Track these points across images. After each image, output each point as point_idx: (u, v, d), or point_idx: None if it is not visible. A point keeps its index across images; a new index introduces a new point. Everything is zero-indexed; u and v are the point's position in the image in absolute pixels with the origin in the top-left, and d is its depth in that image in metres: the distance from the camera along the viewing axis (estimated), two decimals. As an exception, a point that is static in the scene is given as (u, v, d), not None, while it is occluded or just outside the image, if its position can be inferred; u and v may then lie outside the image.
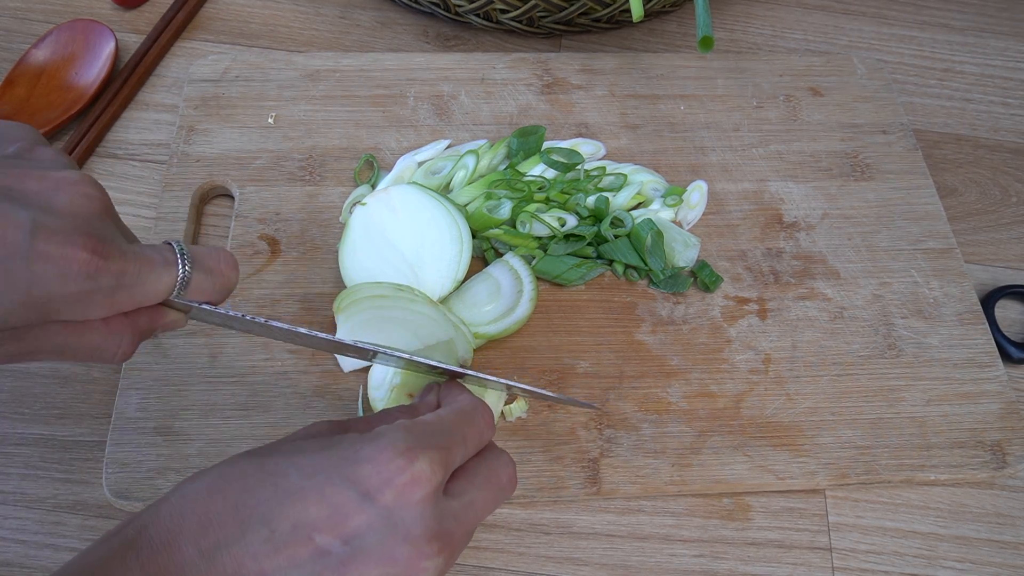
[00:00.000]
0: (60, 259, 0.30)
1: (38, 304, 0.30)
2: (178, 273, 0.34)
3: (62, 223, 0.30)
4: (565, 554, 0.48)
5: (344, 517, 0.32)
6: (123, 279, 0.32)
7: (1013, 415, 0.53)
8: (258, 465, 0.33)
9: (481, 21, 0.70)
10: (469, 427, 0.37)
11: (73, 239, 0.30)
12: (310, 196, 0.58)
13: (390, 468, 0.32)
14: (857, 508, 0.52)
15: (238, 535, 0.31)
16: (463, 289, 0.54)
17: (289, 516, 0.31)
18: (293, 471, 0.32)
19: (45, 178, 0.31)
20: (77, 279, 0.30)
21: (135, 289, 0.33)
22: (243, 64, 0.64)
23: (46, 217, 0.30)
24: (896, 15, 0.79)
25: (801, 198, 0.62)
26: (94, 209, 0.32)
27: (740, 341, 0.55)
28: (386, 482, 0.32)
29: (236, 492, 0.32)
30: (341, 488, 0.32)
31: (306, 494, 0.32)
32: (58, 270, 0.30)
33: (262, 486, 0.32)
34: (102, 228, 0.32)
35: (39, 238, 0.29)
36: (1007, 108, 0.73)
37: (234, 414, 0.49)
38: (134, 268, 0.32)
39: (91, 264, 0.30)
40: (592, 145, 0.62)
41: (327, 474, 0.32)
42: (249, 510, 0.32)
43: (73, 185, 0.31)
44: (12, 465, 0.49)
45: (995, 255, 0.64)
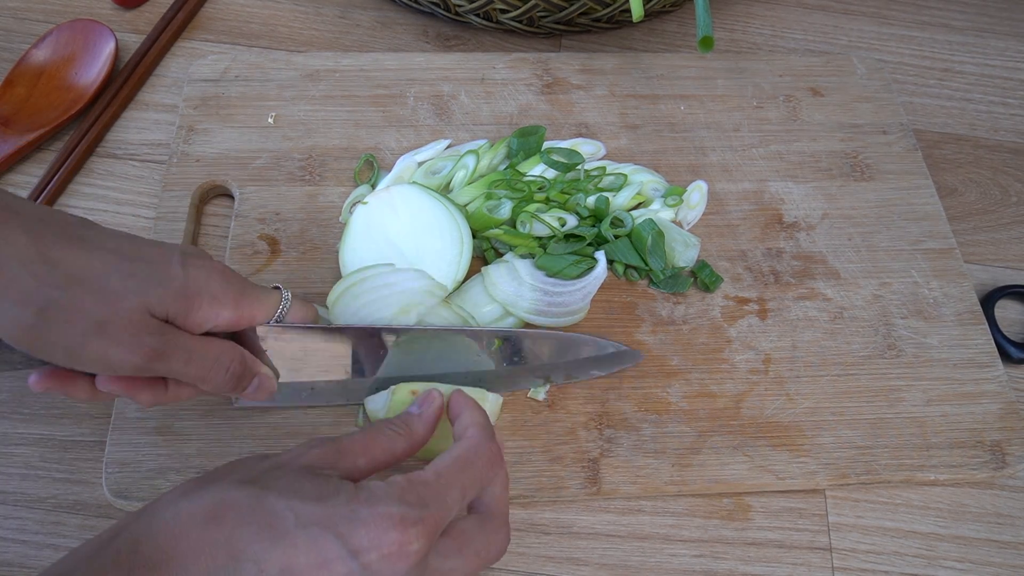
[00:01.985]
0: (203, 266, 0.40)
1: (190, 292, 0.39)
2: (281, 298, 0.45)
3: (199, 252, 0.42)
4: (565, 554, 0.48)
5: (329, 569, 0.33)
6: (245, 288, 0.42)
7: (1013, 415, 0.53)
8: (256, 500, 0.34)
9: (481, 21, 0.70)
10: (469, 478, 0.38)
11: (209, 259, 0.41)
12: (310, 196, 0.58)
13: (382, 539, 0.34)
14: (857, 508, 0.52)
15: (229, 569, 0.32)
16: (463, 291, 0.54)
17: (279, 560, 0.33)
18: (290, 516, 0.34)
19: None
20: (218, 276, 0.40)
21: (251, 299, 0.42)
22: (243, 64, 0.64)
23: (187, 248, 0.41)
24: (896, 15, 0.79)
25: (801, 198, 0.62)
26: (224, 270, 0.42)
27: (740, 341, 0.55)
28: (374, 547, 0.33)
29: (231, 524, 0.33)
30: (332, 543, 0.33)
31: (297, 542, 0.33)
32: (204, 272, 0.40)
33: (258, 524, 0.33)
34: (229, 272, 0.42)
35: (187, 256, 0.40)
36: (1007, 108, 0.73)
37: (234, 414, 0.49)
38: (251, 284, 0.43)
39: (226, 270, 0.42)
40: (592, 145, 0.62)
41: (321, 527, 0.33)
42: (243, 545, 0.33)
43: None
44: (12, 465, 0.49)
45: (995, 255, 0.64)
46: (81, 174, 0.61)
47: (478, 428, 0.40)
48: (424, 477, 0.36)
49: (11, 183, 0.60)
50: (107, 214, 0.59)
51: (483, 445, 0.39)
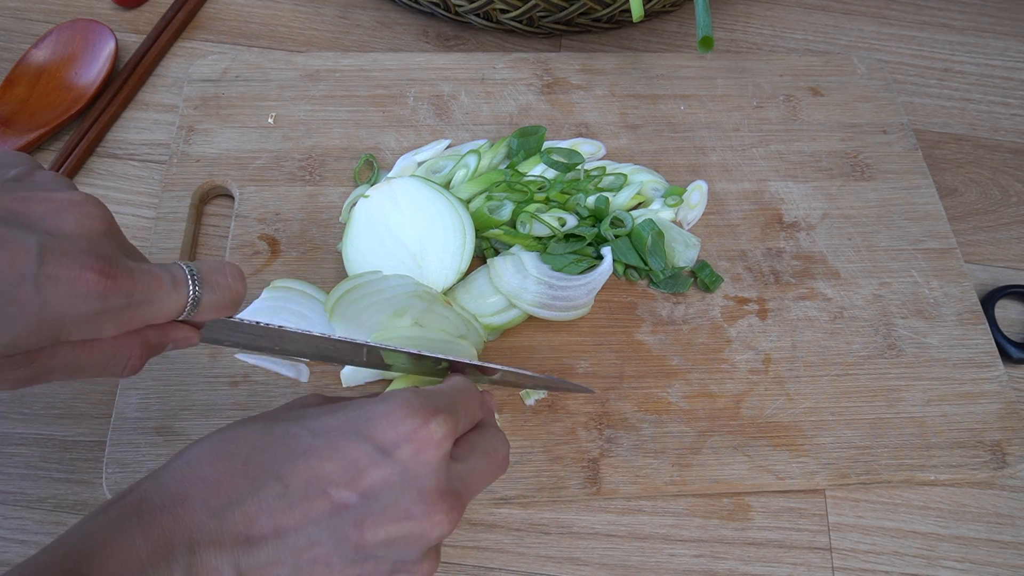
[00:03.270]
0: (69, 281, 0.29)
1: (49, 327, 0.30)
2: (188, 293, 0.34)
3: (69, 245, 0.30)
4: (565, 554, 0.48)
5: (360, 471, 0.32)
6: (132, 298, 0.32)
7: (1013, 415, 0.53)
8: (264, 428, 0.33)
9: (481, 21, 0.70)
10: (468, 400, 0.37)
11: (81, 260, 0.30)
12: (310, 196, 0.58)
13: (406, 426, 0.32)
14: (857, 508, 0.52)
15: (250, 491, 0.31)
16: (468, 280, 0.54)
17: (303, 472, 0.31)
18: (304, 432, 0.32)
19: (49, 200, 0.31)
20: (87, 300, 0.30)
21: (144, 308, 0.32)
22: (243, 64, 0.64)
23: (53, 240, 0.30)
24: (896, 15, 0.79)
25: (801, 198, 0.62)
26: (99, 229, 0.32)
27: (740, 341, 0.55)
28: (403, 439, 0.32)
29: (245, 452, 0.32)
30: (356, 443, 0.32)
31: (320, 451, 0.32)
32: (68, 292, 0.29)
33: (272, 446, 0.32)
34: (109, 248, 0.31)
35: (47, 261, 0.29)
36: (1007, 108, 0.73)
37: (234, 414, 0.49)
38: (143, 287, 0.32)
39: (100, 284, 0.30)
40: (592, 145, 0.62)
41: (341, 431, 0.32)
42: (260, 468, 0.31)
43: (77, 206, 0.31)
44: (12, 465, 0.49)
45: (995, 255, 0.64)
46: (81, 174, 0.61)
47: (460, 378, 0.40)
48: (430, 388, 0.36)
49: (11, 183, 0.60)
50: (107, 214, 0.59)
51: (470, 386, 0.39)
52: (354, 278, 0.50)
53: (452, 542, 0.49)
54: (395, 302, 0.49)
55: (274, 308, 0.52)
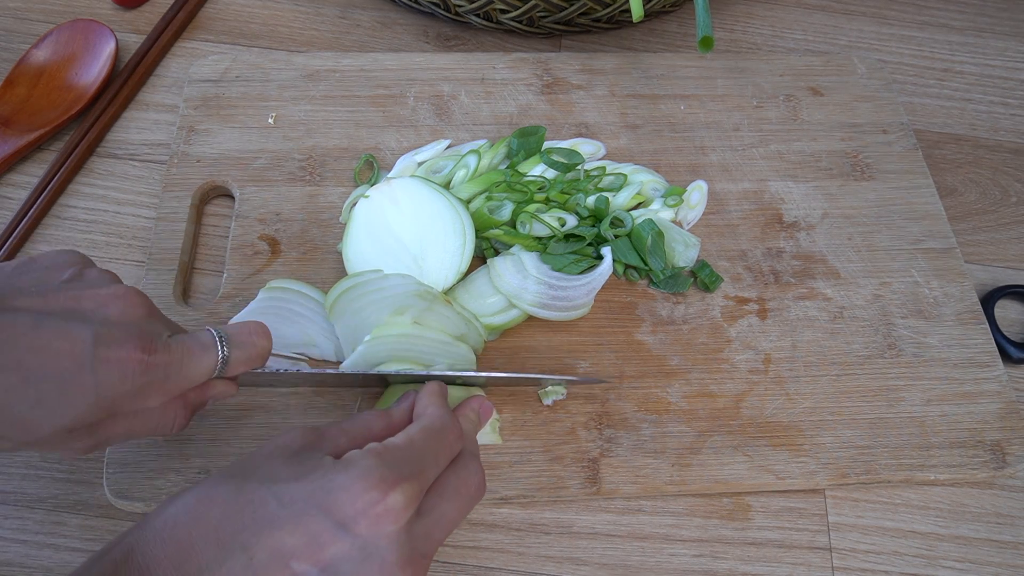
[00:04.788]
0: (118, 362, 0.35)
1: (105, 403, 0.35)
2: (218, 355, 0.39)
3: (117, 332, 0.35)
4: (565, 554, 0.49)
5: (320, 546, 0.33)
6: (170, 369, 0.37)
7: (1013, 415, 0.53)
8: (236, 490, 0.34)
9: (481, 21, 0.70)
10: (439, 444, 0.38)
11: (127, 344, 0.35)
12: (310, 196, 0.59)
13: (364, 499, 0.33)
14: (857, 508, 0.52)
15: (218, 561, 0.32)
16: (468, 281, 0.54)
17: (267, 544, 0.33)
18: (271, 499, 0.34)
19: (98, 296, 0.36)
20: (133, 376, 0.35)
21: (182, 375, 0.37)
22: (243, 64, 0.64)
23: (103, 328, 0.35)
24: (896, 15, 0.79)
25: (801, 198, 0.62)
26: (141, 314, 0.37)
27: (740, 341, 0.55)
28: (360, 512, 0.33)
29: (216, 518, 0.33)
30: (317, 518, 0.33)
31: (283, 523, 0.33)
32: (118, 372, 0.35)
33: (241, 513, 0.33)
34: (150, 328, 0.37)
35: (100, 347, 0.34)
36: (1007, 108, 0.73)
37: (234, 414, 0.49)
38: (178, 358, 0.37)
39: (144, 362, 0.35)
40: (592, 145, 0.62)
41: (304, 503, 0.33)
42: (229, 536, 0.33)
43: (121, 297, 0.36)
44: (12, 465, 0.49)
45: (995, 255, 0.64)
46: (81, 174, 0.61)
47: (438, 407, 0.41)
48: (396, 442, 0.37)
49: (11, 183, 0.60)
50: (107, 214, 0.59)
51: (446, 417, 0.40)
52: (354, 276, 0.50)
53: (452, 542, 0.49)
54: (395, 301, 0.49)
55: (270, 308, 0.52)
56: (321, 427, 0.39)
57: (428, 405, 0.41)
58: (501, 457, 0.49)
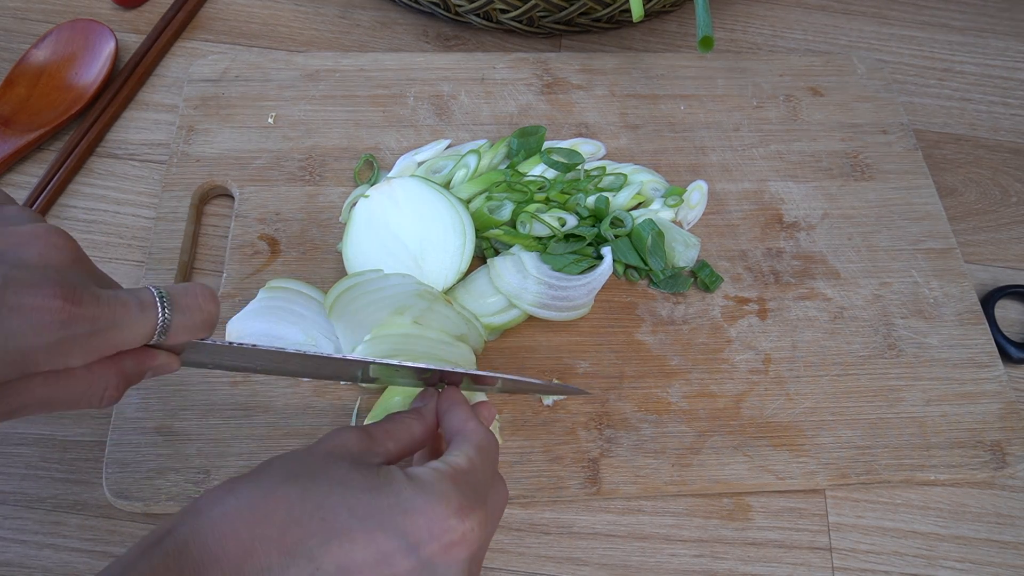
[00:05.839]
0: (32, 310, 0.29)
1: (16, 358, 0.30)
2: (157, 317, 0.33)
3: (32, 275, 0.30)
4: (565, 554, 0.49)
5: (390, 564, 0.32)
6: (97, 324, 0.31)
7: (1013, 415, 0.53)
8: (303, 493, 0.33)
9: (481, 21, 0.70)
10: (492, 465, 0.38)
11: (44, 289, 0.30)
12: (310, 196, 0.58)
13: (442, 526, 0.33)
14: (857, 508, 0.52)
15: (282, 567, 0.31)
16: (468, 281, 0.54)
17: (335, 555, 0.32)
18: (343, 509, 0.33)
19: (12, 234, 0.31)
20: (51, 328, 0.30)
21: (111, 333, 0.32)
22: (243, 64, 0.64)
23: (16, 271, 0.30)
24: (896, 15, 0.79)
25: (801, 198, 0.62)
26: (64, 259, 0.32)
27: (740, 341, 0.55)
28: (435, 537, 0.33)
29: (281, 520, 0.32)
30: (391, 536, 0.32)
31: (354, 536, 0.32)
32: (31, 321, 0.29)
33: (310, 519, 0.32)
34: (73, 276, 0.31)
35: (10, 291, 0.29)
36: (1007, 108, 0.73)
37: (234, 414, 0.49)
38: (108, 312, 0.32)
39: (63, 311, 0.30)
40: (592, 145, 0.62)
41: (378, 520, 0.33)
42: (295, 542, 0.32)
43: (41, 237, 0.32)
44: (12, 465, 0.49)
45: (995, 255, 0.64)
46: (81, 174, 0.61)
47: (475, 420, 0.40)
48: (461, 464, 0.36)
49: (11, 183, 0.60)
50: (107, 214, 0.59)
51: (488, 434, 0.39)
52: (354, 276, 0.50)
53: (452, 542, 0.49)
54: (395, 300, 0.49)
55: (270, 308, 0.52)
56: (368, 428, 0.38)
57: (466, 419, 0.40)
58: (501, 457, 0.49)
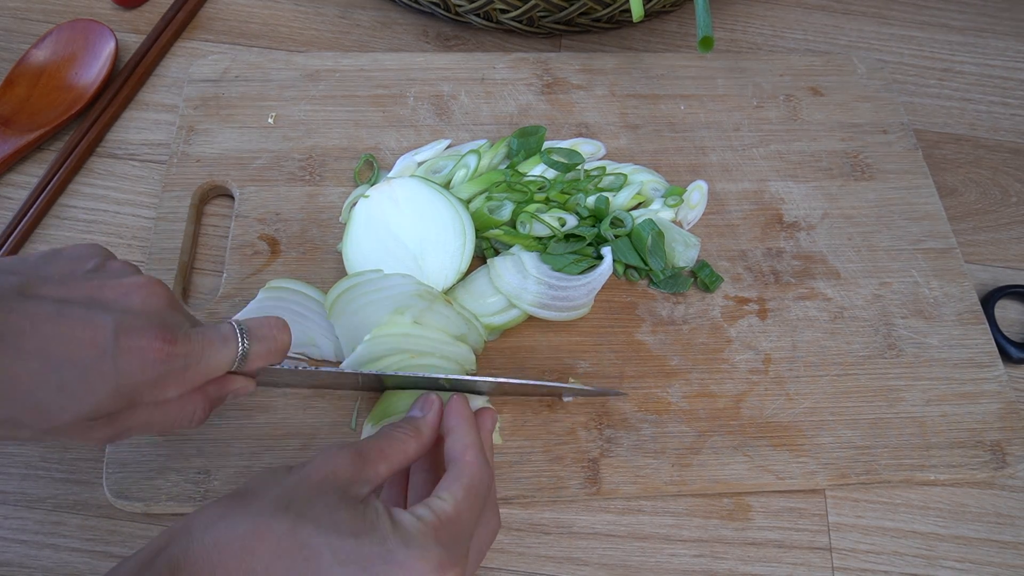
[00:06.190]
0: (139, 351, 0.35)
1: (126, 392, 0.35)
2: (238, 348, 0.39)
3: (138, 320, 0.35)
4: (565, 554, 0.48)
5: None
6: (190, 359, 0.37)
7: (1013, 415, 0.53)
8: (291, 530, 0.34)
9: (481, 21, 0.70)
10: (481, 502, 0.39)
11: (148, 333, 0.35)
12: (310, 196, 0.58)
13: None
14: (857, 508, 0.52)
15: None
16: (468, 281, 0.54)
17: None
18: (327, 551, 0.34)
19: (120, 285, 0.37)
20: (154, 365, 0.35)
21: (201, 366, 0.37)
22: (243, 64, 0.64)
23: (125, 317, 0.35)
24: (896, 15, 0.79)
25: (801, 198, 0.62)
26: (162, 305, 0.37)
27: (740, 341, 0.55)
28: None
29: (268, 556, 0.34)
30: None
31: None
32: (139, 360, 0.35)
33: (293, 558, 0.34)
34: (170, 319, 0.37)
35: (122, 336, 0.34)
36: (1007, 108, 0.73)
37: (234, 414, 0.49)
38: (199, 349, 0.37)
39: (163, 351, 0.35)
40: (592, 145, 0.62)
41: (360, 567, 0.34)
42: None
43: (143, 288, 0.37)
44: (12, 465, 0.49)
45: (995, 255, 0.64)
46: (81, 174, 0.61)
47: (475, 450, 0.41)
48: (447, 512, 0.37)
49: (11, 183, 0.60)
50: (107, 214, 0.59)
51: (483, 468, 0.40)
52: (354, 276, 0.50)
53: (452, 542, 0.49)
54: (395, 300, 0.49)
55: (271, 308, 0.52)
56: (361, 448, 0.39)
57: (465, 449, 0.41)
58: (501, 457, 0.49)
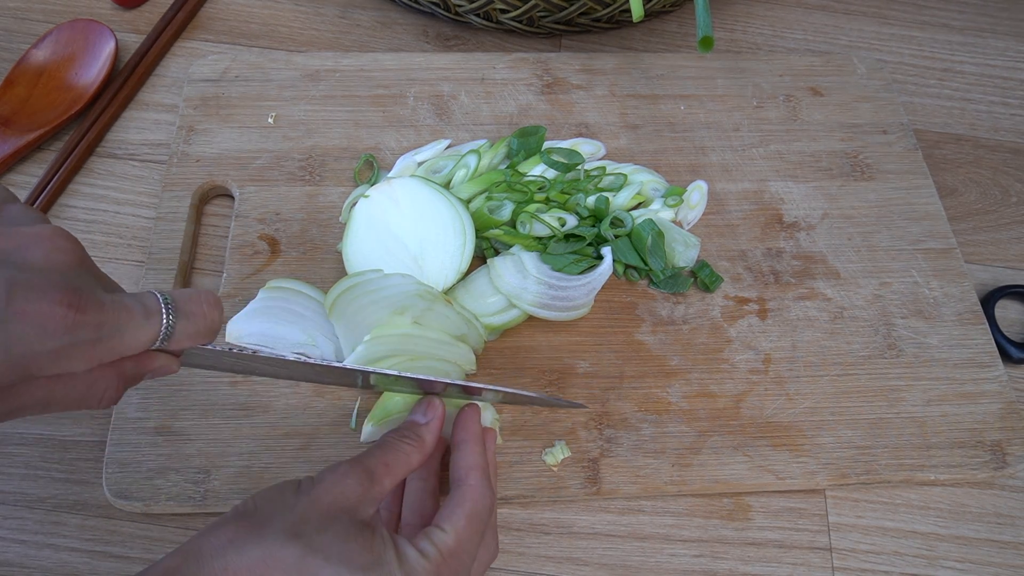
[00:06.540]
0: (37, 315, 0.29)
1: (19, 363, 0.29)
2: (161, 324, 0.33)
3: (37, 279, 0.29)
4: (565, 554, 0.48)
5: None
6: (102, 331, 0.31)
7: (1013, 415, 0.53)
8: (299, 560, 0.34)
9: (481, 21, 0.70)
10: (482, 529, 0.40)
11: (49, 294, 0.29)
12: (310, 196, 0.58)
13: None
14: (857, 508, 0.52)
15: None
16: (468, 281, 0.54)
17: None
18: None
19: (17, 235, 0.30)
20: (55, 334, 0.29)
21: (115, 340, 0.31)
22: (243, 64, 0.64)
23: (20, 274, 0.29)
24: (896, 15, 0.79)
25: (801, 198, 0.62)
26: (69, 261, 0.31)
27: (740, 341, 0.55)
28: None
29: None
30: None
31: None
32: (36, 327, 0.29)
33: None
34: (78, 280, 0.31)
35: (15, 296, 0.28)
36: (1007, 108, 0.73)
37: (234, 414, 0.49)
38: (113, 319, 0.31)
39: (68, 318, 0.29)
40: (592, 145, 0.62)
41: None
42: None
43: (46, 239, 0.31)
44: (12, 465, 0.49)
45: (995, 255, 0.64)
46: (81, 174, 0.61)
47: (480, 473, 0.41)
48: (449, 546, 0.38)
49: (11, 183, 0.60)
50: (107, 214, 0.59)
51: (487, 494, 0.41)
52: (354, 276, 0.50)
53: (452, 542, 0.49)
54: (395, 300, 0.49)
55: (271, 308, 0.52)
56: (368, 464, 0.39)
57: (469, 470, 0.41)
58: (501, 457, 0.49)
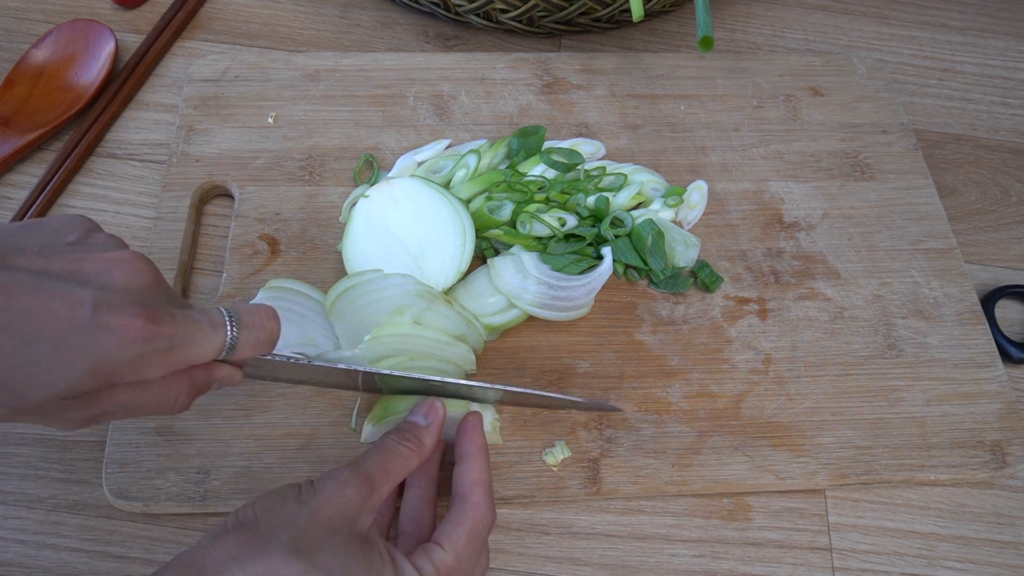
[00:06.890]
0: (119, 328, 0.33)
1: (103, 370, 0.33)
2: (226, 334, 0.38)
3: (119, 297, 0.34)
4: (565, 554, 0.48)
5: None
6: (174, 341, 0.35)
7: (1013, 415, 0.53)
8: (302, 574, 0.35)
9: (481, 21, 0.70)
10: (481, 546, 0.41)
11: (129, 310, 0.34)
12: (310, 196, 0.58)
13: None
14: (857, 508, 0.52)
15: None
16: (468, 281, 0.54)
17: None
18: None
19: (101, 259, 0.35)
20: (134, 344, 0.34)
21: (185, 349, 0.36)
22: (243, 64, 0.64)
23: (104, 293, 0.34)
24: (896, 15, 0.79)
25: (801, 198, 0.62)
26: (145, 282, 0.36)
27: (740, 341, 0.55)
28: None
29: None
30: None
31: None
32: (118, 338, 0.33)
33: None
34: (154, 298, 0.35)
35: (100, 312, 0.33)
36: (1007, 108, 0.73)
37: (234, 414, 0.49)
38: (184, 331, 0.36)
39: (145, 330, 0.34)
40: (592, 145, 0.62)
41: None
42: None
43: (127, 263, 0.35)
44: (12, 465, 0.49)
45: (995, 255, 0.64)
46: (81, 174, 0.61)
47: (482, 489, 0.42)
48: (448, 564, 0.39)
49: (11, 183, 0.60)
50: (107, 214, 0.59)
51: (488, 510, 0.42)
52: (355, 276, 0.50)
53: (452, 542, 0.49)
54: (395, 300, 0.49)
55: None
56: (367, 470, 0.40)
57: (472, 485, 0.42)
58: (501, 457, 0.49)
